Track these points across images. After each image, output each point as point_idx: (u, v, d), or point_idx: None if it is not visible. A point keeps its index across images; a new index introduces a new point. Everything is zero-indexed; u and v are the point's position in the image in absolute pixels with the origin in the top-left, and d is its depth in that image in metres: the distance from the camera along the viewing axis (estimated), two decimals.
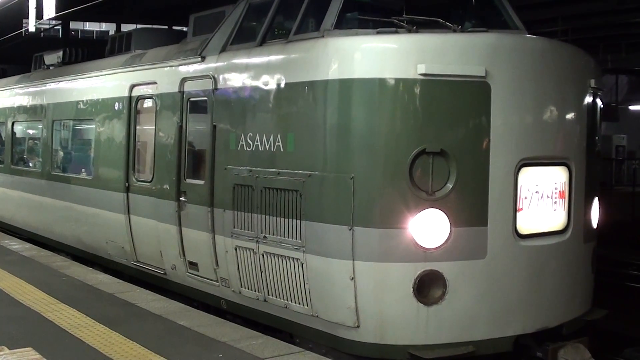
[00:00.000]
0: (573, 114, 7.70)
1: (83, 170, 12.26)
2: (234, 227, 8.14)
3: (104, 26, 55.95)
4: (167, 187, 9.33)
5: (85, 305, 8.27)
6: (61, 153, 13.25)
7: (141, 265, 10.24)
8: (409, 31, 7.20)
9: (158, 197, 9.56)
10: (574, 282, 7.83)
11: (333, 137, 7.05)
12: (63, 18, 22.22)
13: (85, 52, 13.73)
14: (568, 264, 7.69)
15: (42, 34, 32.06)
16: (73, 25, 32.40)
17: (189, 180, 9.02)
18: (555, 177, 7.61)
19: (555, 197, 7.62)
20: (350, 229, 6.88)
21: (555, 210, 7.62)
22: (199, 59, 8.88)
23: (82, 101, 11.85)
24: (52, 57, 14.15)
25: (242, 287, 8.20)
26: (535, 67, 7.27)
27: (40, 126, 13.53)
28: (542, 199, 7.48)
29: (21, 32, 19.39)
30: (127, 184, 10.29)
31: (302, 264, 7.31)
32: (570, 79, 7.67)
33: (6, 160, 15.23)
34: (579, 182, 7.78)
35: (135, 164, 10.28)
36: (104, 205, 10.97)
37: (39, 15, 13.38)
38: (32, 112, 13.97)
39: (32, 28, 15.00)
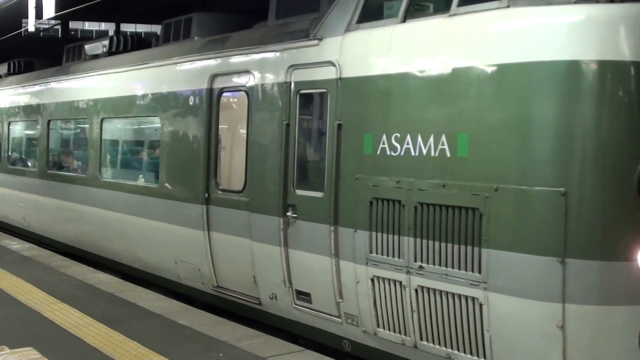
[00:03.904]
0: None
1: (141, 176, 10.51)
2: (371, 253, 6.44)
3: (103, 25, 55.32)
4: (268, 199, 7.60)
5: (85, 304, 8.21)
6: (113, 156, 11.45)
7: (224, 291, 8.51)
8: (612, 1, 5.50)
9: (253, 211, 7.82)
10: None
11: (535, 138, 5.33)
12: (62, 18, 21.99)
13: (135, 40, 11.98)
14: None
15: (41, 33, 31.39)
16: (72, 24, 31.55)
17: (299, 192, 7.28)
18: None
19: None
20: (560, 262, 5.18)
21: None
22: (315, 41, 7.15)
23: (142, 95, 10.07)
24: (95, 47, 12.37)
25: (378, 327, 6.50)
26: None
27: (86, 125, 11.71)
28: None
29: (20, 32, 18.92)
30: (206, 195, 8.53)
31: (480, 305, 5.60)
32: None
33: (40, 163, 13.39)
34: None
35: (217, 171, 8.53)
36: (173, 219, 9.23)
37: (39, 15, 13.03)
38: (74, 109, 12.13)
39: (31, 28, 14.43)
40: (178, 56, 9.39)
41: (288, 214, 7.34)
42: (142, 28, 42.74)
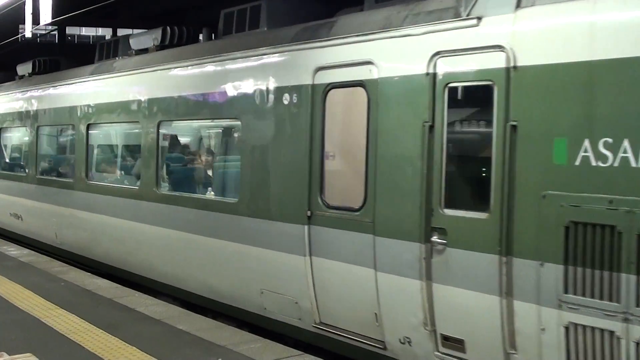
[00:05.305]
0: None
1: (211, 189, 9.02)
2: (566, 293, 4.98)
3: (99, 31, 54.83)
4: (401, 220, 6.13)
5: (84, 310, 8.19)
6: (173, 165, 9.95)
7: (330, 330, 7.03)
8: None
9: (378, 234, 6.34)
10: None
11: None
12: (59, 23, 21.94)
13: (190, 32, 10.51)
14: None
15: (38, 39, 31.16)
16: (69, 30, 30.83)
17: (450, 212, 5.80)
18: None
19: None
20: None
21: None
22: (473, 21, 5.67)
23: (216, 94, 8.57)
24: (142, 40, 10.90)
25: None
26: None
27: (137, 129, 10.20)
28: None
29: (17, 37, 18.93)
30: (308, 212, 7.06)
31: None
32: None
33: (79, 173, 11.84)
34: None
35: (323, 184, 7.05)
36: (259, 241, 7.74)
37: (36, 20, 13.01)
38: (121, 111, 10.59)
39: (28, 34, 14.58)
40: (266, 46, 7.90)
41: (433, 239, 5.87)
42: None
